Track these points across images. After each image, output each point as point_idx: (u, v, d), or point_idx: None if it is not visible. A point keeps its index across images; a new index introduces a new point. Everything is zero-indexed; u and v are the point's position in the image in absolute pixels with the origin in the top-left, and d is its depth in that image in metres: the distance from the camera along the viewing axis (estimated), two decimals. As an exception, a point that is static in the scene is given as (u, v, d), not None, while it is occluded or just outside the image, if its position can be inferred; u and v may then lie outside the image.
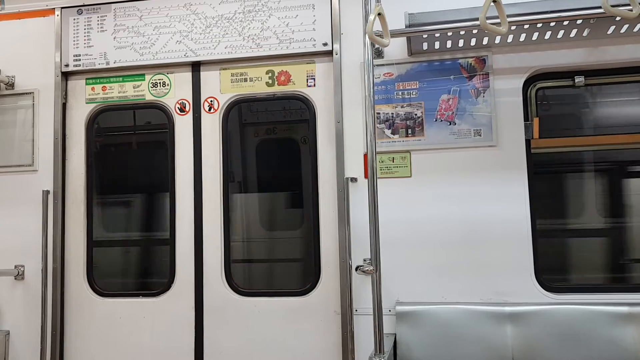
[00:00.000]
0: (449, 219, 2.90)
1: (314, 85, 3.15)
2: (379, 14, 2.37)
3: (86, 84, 3.41)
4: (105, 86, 3.38)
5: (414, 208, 2.94)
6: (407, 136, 2.98)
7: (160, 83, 3.33)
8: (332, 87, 3.09)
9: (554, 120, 3.11)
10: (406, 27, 2.66)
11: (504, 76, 2.91)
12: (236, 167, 3.69)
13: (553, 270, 3.04)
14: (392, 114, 3.00)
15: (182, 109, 3.29)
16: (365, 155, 2.81)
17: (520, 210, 2.83)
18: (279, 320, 3.07)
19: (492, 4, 2.32)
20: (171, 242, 3.23)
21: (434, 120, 2.95)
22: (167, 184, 3.29)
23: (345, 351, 2.93)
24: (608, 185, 3.21)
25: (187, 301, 3.18)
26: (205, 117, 3.26)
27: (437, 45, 2.88)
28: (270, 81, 3.20)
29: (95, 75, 3.39)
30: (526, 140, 2.89)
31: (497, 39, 2.81)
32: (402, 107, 3.00)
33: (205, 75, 3.28)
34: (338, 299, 2.98)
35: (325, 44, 3.10)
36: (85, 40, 3.38)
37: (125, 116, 3.66)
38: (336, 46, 3.08)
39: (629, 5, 2.31)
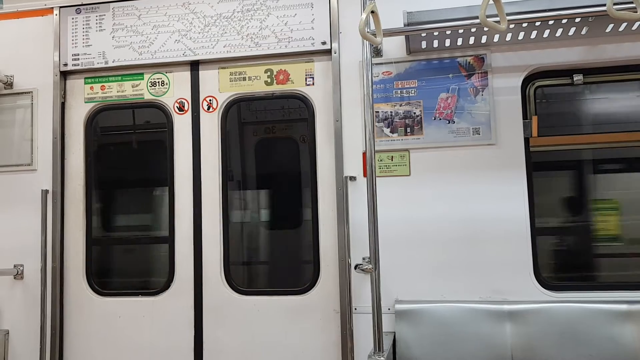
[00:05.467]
0: (448, 218, 2.90)
1: (313, 84, 3.15)
2: (372, 12, 2.36)
3: (85, 83, 3.41)
4: (104, 85, 3.38)
5: (413, 207, 2.94)
6: (406, 135, 2.98)
7: (159, 82, 3.33)
8: (331, 86, 3.09)
9: (553, 118, 3.11)
10: (404, 25, 2.66)
11: (503, 74, 2.91)
12: (235, 166, 3.69)
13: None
14: (391, 112, 3.00)
15: (181, 108, 3.29)
16: (364, 154, 2.82)
17: (519, 208, 2.84)
18: (278, 319, 3.07)
19: (490, 1, 2.32)
20: (170, 241, 3.23)
21: (433, 118, 2.95)
22: (166, 183, 3.28)
23: (344, 350, 2.93)
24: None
25: (187, 300, 3.18)
26: (204, 116, 3.26)
27: (435, 43, 2.88)
28: (269, 80, 3.20)
29: (94, 74, 3.39)
30: (525, 138, 2.89)
31: (496, 38, 2.82)
32: (400, 105, 3.00)
33: (204, 74, 3.28)
34: (337, 298, 2.99)
35: (324, 43, 3.10)
36: (83, 39, 3.38)
37: (124, 115, 3.67)
38: (335, 45, 3.08)
39: (631, 3, 2.30)
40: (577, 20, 2.58)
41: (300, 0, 3.13)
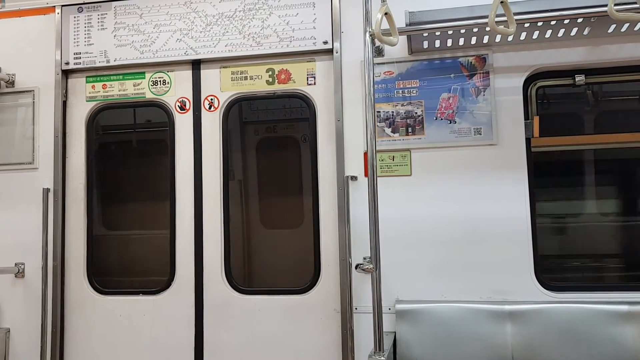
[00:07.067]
0: (449, 218, 2.89)
1: (314, 83, 3.15)
2: (386, 14, 2.37)
3: (86, 82, 3.41)
4: (105, 84, 3.38)
5: (414, 206, 2.94)
6: (407, 135, 2.98)
7: (160, 81, 3.33)
8: (332, 86, 3.09)
9: (555, 118, 3.11)
10: (406, 25, 2.66)
11: (505, 75, 2.91)
12: (236, 165, 3.69)
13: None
14: (393, 112, 3.00)
15: (183, 107, 3.30)
16: (366, 154, 2.81)
17: (520, 208, 2.83)
18: (278, 318, 3.07)
19: (499, 4, 2.32)
20: (171, 239, 3.23)
21: (434, 118, 2.95)
22: (167, 183, 3.29)
23: (345, 349, 2.93)
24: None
25: (187, 299, 3.18)
26: (205, 116, 3.26)
27: (437, 43, 2.87)
28: (270, 79, 3.20)
29: (96, 73, 3.40)
30: (526, 138, 2.88)
31: (498, 38, 2.81)
32: (402, 105, 3.00)
33: (206, 73, 3.28)
34: (338, 297, 2.99)
35: (325, 43, 3.09)
36: (85, 38, 3.38)
37: (126, 114, 3.67)
38: (336, 44, 3.07)
39: (635, 3, 2.30)
40: (579, 20, 2.58)
41: (302, -1, 3.14)
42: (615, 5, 2.26)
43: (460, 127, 2.92)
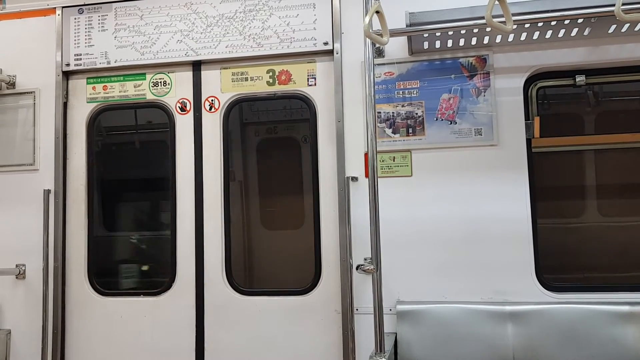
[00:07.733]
0: (450, 218, 2.89)
1: (315, 84, 3.15)
2: (377, 12, 2.36)
3: (87, 83, 3.41)
4: (106, 85, 3.39)
5: (415, 207, 2.94)
6: (407, 135, 2.98)
7: (161, 82, 3.33)
8: (332, 87, 3.09)
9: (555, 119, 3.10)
10: (407, 26, 2.66)
11: (505, 75, 2.91)
12: (237, 166, 3.69)
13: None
14: (393, 113, 3.00)
15: (183, 108, 3.30)
16: (366, 155, 2.80)
17: (521, 209, 2.83)
18: (279, 319, 3.07)
19: (496, 2, 2.31)
20: (172, 241, 3.24)
21: (435, 119, 2.95)
22: (168, 183, 3.29)
23: (345, 350, 2.93)
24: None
25: (188, 300, 3.18)
26: (206, 117, 3.27)
27: (437, 44, 2.87)
28: (271, 80, 3.20)
29: (96, 74, 3.40)
30: (527, 139, 2.89)
31: (498, 38, 2.81)
32: (402, 106, 3.00)
33: (206, 74, 3.29)
34: (339, 298, 2.99)
35: (326, 43, 3.10)
36: (86, 39, 3.38)
37: (126, 115, 3.67)
38: (337, 45, 3.08)
39: (638, 3, 2.30)
40: (580, 20, 2.57)
41: (303, 0, 3.14)
42: (623, 5, 2.24)
43: (461, 128, 2.92)
